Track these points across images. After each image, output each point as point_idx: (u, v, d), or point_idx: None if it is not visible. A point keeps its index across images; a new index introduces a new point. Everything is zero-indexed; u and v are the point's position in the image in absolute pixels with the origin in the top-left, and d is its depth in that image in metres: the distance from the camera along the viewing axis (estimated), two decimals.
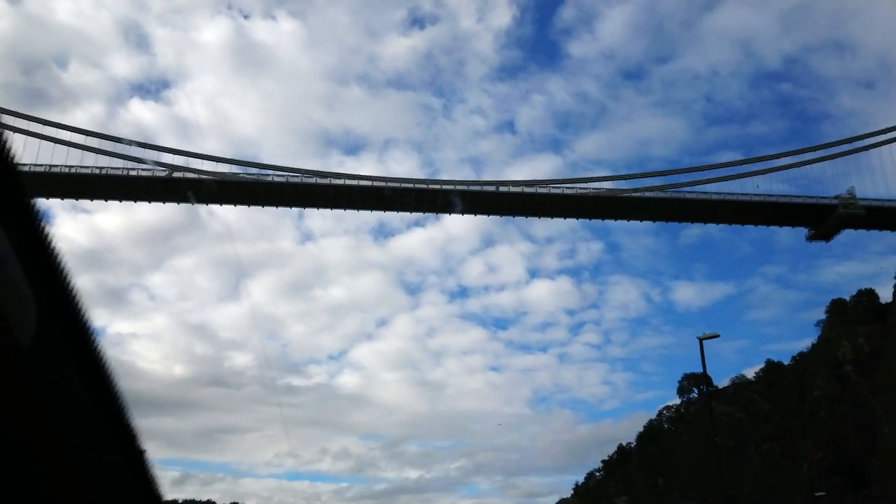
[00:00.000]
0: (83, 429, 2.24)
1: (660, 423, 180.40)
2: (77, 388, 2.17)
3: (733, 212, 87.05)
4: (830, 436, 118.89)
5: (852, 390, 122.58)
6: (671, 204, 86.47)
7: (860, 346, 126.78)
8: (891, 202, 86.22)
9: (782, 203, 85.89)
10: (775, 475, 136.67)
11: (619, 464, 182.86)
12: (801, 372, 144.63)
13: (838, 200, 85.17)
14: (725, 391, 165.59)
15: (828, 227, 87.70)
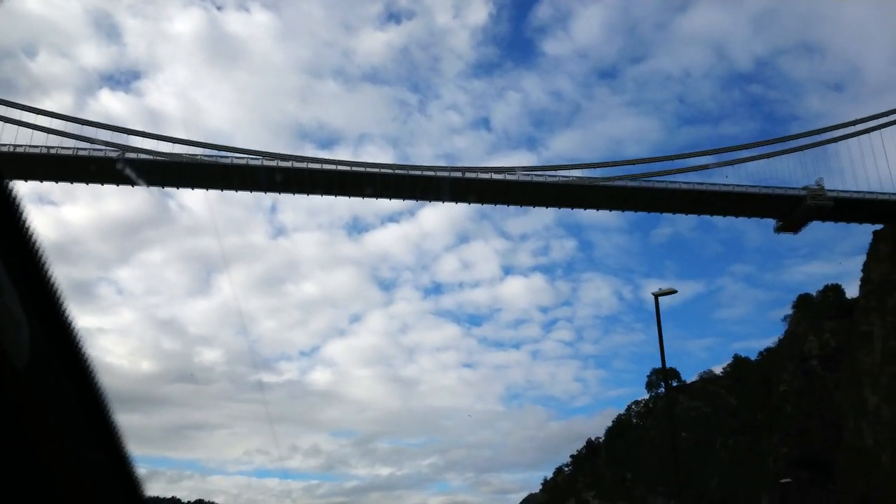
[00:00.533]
0: (72, 431, 2.26)
1: (628, 417, 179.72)
2: (68, 396, 2.22)
3: (703, 202, 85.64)
4: (796, 430, 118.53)
5: (818, 385, 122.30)
6: (642, 193, 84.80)
7: (826, 340, 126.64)
8: (858, 194, 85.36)
9: (751, 193, 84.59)
10: (742, 469, 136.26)
11: (587, 459, 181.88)
12: (768, 367, 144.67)
13: (806, 192, 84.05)
14: (693, 386, 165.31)
15: (796, 219, 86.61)
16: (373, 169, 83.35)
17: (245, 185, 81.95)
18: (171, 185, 79.47)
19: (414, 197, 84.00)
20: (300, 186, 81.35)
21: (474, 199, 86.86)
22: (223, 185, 79.74)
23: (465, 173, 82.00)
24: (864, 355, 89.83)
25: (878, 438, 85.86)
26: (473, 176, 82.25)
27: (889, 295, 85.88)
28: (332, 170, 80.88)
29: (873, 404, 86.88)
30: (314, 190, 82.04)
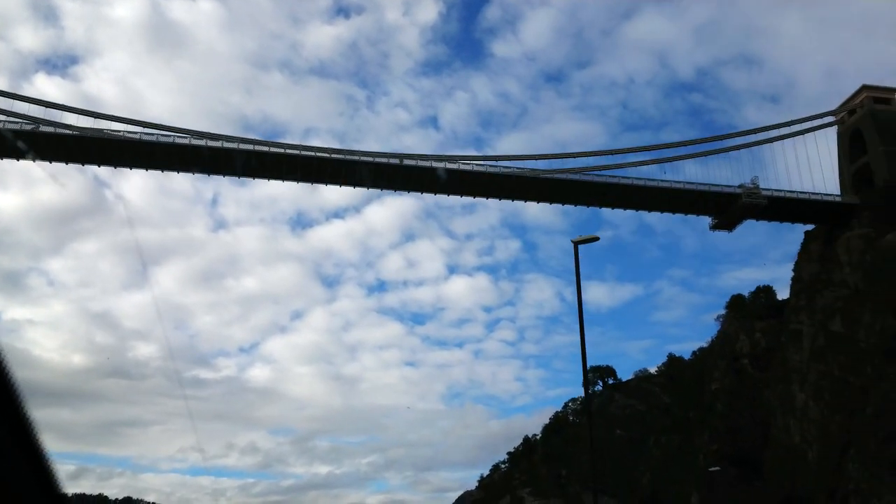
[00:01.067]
0: None
1: (565, 415, 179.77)
2: None
3: (642, 197, 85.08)
4: (726, 428, 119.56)
5: (748, 383, 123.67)
6: (584, 187, 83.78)
7: (757, 340, 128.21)
8: (791, 193, 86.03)
9: (688, 190, 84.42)
10: (673, 466, 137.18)
11: (524, 456, 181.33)
12: (701, 366, 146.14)
13: (742, 190, 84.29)
14: (628, 384, 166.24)
15: (731, 217, 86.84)
16: (304, 151, 79.74)
17: (165, 165, 77.37)
18: (74, 161, 74.18)
19: (345, 184, 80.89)
20: (215, 166, 77.19)
21: (413, 188, 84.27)
22: (132, 163, 74.86)
23: (403, 160, 79.39)
24: (794, 353, 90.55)
25: (804, 436, 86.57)
26: (412, 163, 79.71)
27: (819, 294, 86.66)
28: (253, 150, 76.92)
29: (801, 402, 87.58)
30: (231, 170, 77.98)
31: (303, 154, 77.06)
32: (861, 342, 78.83)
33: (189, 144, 73.75)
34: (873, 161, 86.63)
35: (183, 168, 76.34)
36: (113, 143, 71.39)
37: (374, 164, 78.72)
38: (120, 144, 71.57)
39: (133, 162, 74.35)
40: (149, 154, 72.98)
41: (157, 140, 72.94)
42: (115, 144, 71.43)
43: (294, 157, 76.88)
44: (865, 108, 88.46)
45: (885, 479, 62.23)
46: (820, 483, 78.66)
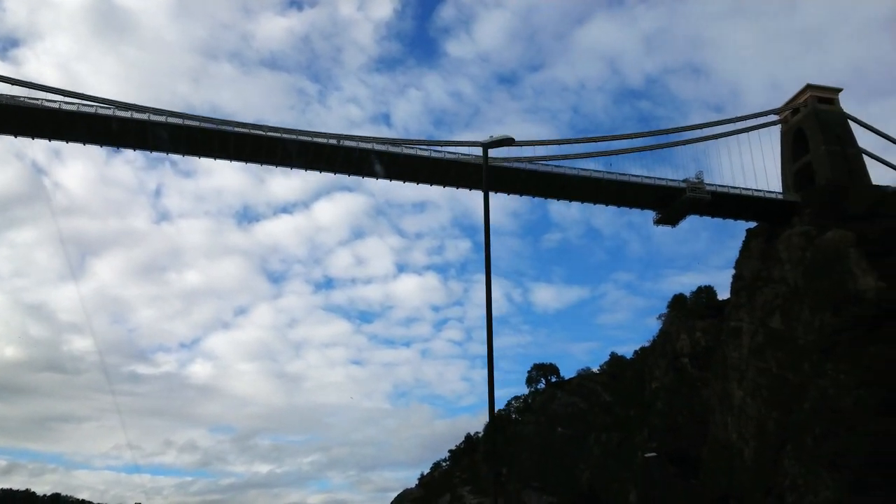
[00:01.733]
0: None
1: (508, 413, 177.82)
2: None
3: (589, 188, 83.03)
4: (665, 426, 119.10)
5: (688, 382, 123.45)
6: (532, 177, 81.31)
7: (697, 339, 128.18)
8: (734, 189, 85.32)
9: (635, 183, 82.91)
10: (613, 463, 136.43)
11: (465, 454, 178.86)
12: (642, 365, 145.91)
13: (686, 184, 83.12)
14: (571, 382, 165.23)
15: (675, 211, 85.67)
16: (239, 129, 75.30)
17: (137, 143, 72.13)
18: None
19: (280, 164, 76.75)
20: (142, 141, 72.16)
21: (354, 171, 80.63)
22: (52, 135, 69.48)
23: (341, 140, 75.70)
24: (733, 351, 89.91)
25: (742, 433, 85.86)
26: (353, 144, 76.10)
27: (759, 291, 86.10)
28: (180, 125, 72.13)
29: (739, 399, 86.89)
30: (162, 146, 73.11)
31: (236, 131, 72.75)
32: (799, 339, 78.32)
33: (99, 115, 68.37)
34: (815, 160, 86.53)
35: (100, 141, 71.24)
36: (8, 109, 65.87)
37: (311, 143, 74.87)
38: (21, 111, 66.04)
39: (38, 132, 68.82)
40: (56, 123, 67.59)
41: (60, 108, 67.52)
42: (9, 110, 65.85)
43: (226, 133, 72.52)
44: (809, 108, 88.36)
45: (821, 475, 61.31)
46: (756, 480, 77.87)
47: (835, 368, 65.25)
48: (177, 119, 70.86)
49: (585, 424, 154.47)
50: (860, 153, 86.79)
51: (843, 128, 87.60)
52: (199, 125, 72.10)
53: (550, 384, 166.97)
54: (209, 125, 72.70)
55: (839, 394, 63.24)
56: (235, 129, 72.71)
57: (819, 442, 62.92)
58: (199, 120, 73.15)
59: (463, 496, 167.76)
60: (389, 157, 77.23)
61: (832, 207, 79.20)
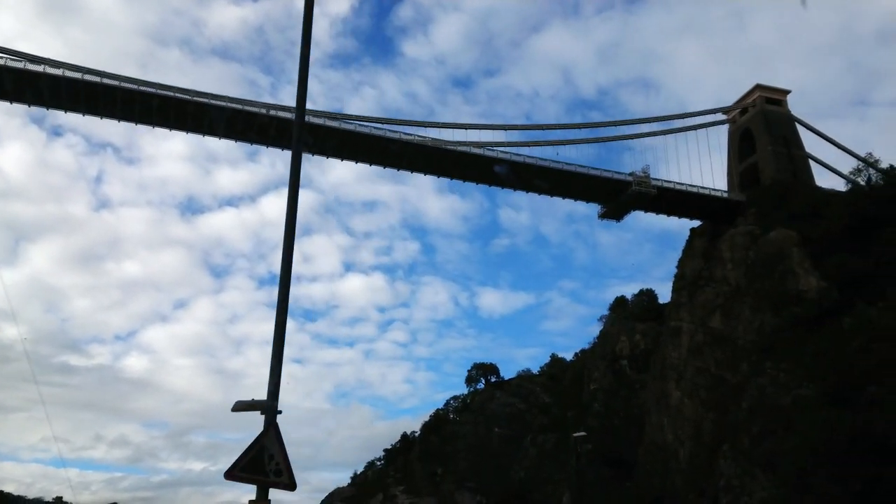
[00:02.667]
0: None
1: (446, 413, 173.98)
2: None
3: (533, 176, 79.57)
4: (602, 427, 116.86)
5: (626, 384, 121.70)
6: (467, 160, 77.50)
7: (637, 342, 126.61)
8: (680, 185, 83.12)
9: (579, 172, 79.90)
10: (548, 465, 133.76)
11: (400, 453, 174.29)
12: (582, 367, 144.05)
13: (632, 177, 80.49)
14: (510, 383, 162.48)
15: (620, 205, 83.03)
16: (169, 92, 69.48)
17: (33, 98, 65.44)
18: None
19: (217, 134, 71.13)
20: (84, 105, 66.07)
21: (286, 144, 75.43)
22: None
23: (271, 110, 70.58)
24: (672, 351, 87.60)
25: (678, 434, 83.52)
26: (279, 114, 70.90)
27: (700, 290, 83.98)
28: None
29: (676, 399, 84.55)
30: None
31: (141, 90, 66.86)
32: (739, 339, 76.31)
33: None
34: (761, 161, 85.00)
35: None
36: None
37: (229, 109, 69.55)
38: None
39: None
40: None
41: None
42: None
43: (130, 91, 66.63)
44: (758, 108, 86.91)
45: (756, 475, 58.79)
46: (691, 481, 75.42)
47: (774, 367, 63.02)
48: (75, 73, 64.60)
49: (523, 425, 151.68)
50: (806, 156, 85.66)
51: (790, 129, 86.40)
52: (100, 81, 65.97)
53: (490, 384, 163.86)
54: (113, 81, 66.75)
55: (778, 392, 60.94)
56: (141, 88, 66.84)
57: (756, 441, 60.46)
58: (103, 76, 66.87)
59: (396, 496, 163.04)
60: (323, 131, 72.39)
61: (776, 207, 77.52)
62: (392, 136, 74.99)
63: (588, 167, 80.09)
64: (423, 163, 78.18)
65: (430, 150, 76.56)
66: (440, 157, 76.33)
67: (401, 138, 75.62)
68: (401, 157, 77.11)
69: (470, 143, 78.16)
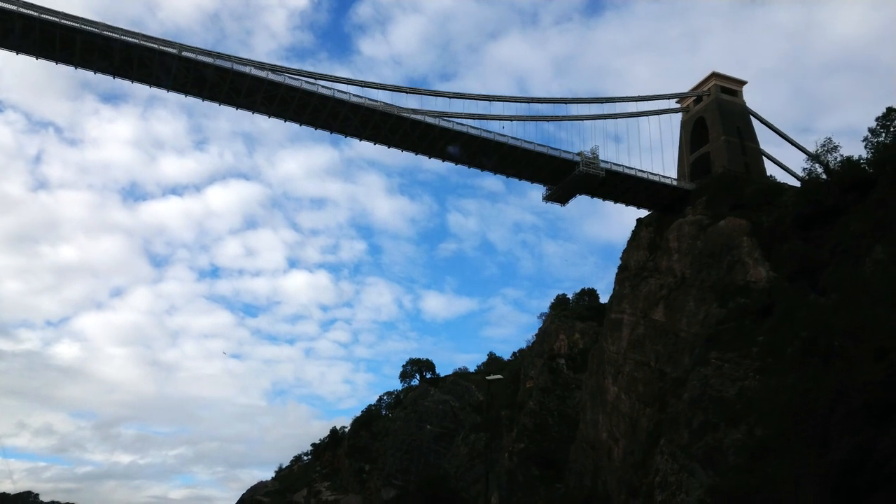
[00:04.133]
0: None
1: (378, 408, 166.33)
2: None
3: (477, 150, 73.50)
4: (535, 426, 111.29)
5: (562, 383, 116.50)
6: (421, 128, 70.94)
7: (575, 341, 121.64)
8: (630, 169, 77.84)
9: (525, 148, 73.98)
10: (478, 464, 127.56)
11: (328, 448, 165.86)
12: (519, 366, 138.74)
13: (580, 158, 74.87)
14: (446, 380, 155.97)
15: (565, 187, 77.31)
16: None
17: None
18: None
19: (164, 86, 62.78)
20: None
21: (242, 103, 67.74)
22: None
23: (232, 64, 62.87)
24: (611, 345, 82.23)
25: (612, 431, 78.01)
26: (243, 69, 63.30)
27: (644, 282, 78.87)
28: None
29: (613, 395, 79.07)
30: None
31: (89, 30, 58.58)
32: (682, 332, 71.25)
33: None
34: (713, 151, 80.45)
35: None
36: None
37: (194, 61, 62.04)
38: None
39: None
40: None
41: None
42: None
43: (73, 30, 58.33)
44: (712, 96, 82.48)
45: (696, 471, 53.29)
46: (624, 481, 69.80)
47: (719, 357, 57.80)
48: None
49: (456, 423, 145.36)
50: (759, 150, 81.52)
51: (744, 121, 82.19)
52: (38, 16, 57.51)
53: (425, 380, 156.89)
54: (53, 18, 58.32)
55: (722, 384, 55.65)
56: (91, 29, 58.69)
57: (696, 435, 55.00)
58: (40, 11, 58.35)
59: (321, 491, 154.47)
60: (267, 85, 64.99)
61: (727, 196, 72.87)
62: (341, 98, 67.82)
63: (534, 143, 74.15)
64: (370, 129, 71.22)
65: (378, 114, 69.62)
66: (389, 122, 69.43)
67: (345, 98, 68.56)
68: (344, 120, 69.98)
69: (423, 112, 71.65)
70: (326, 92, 67.34)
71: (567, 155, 74.71)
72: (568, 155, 74.76)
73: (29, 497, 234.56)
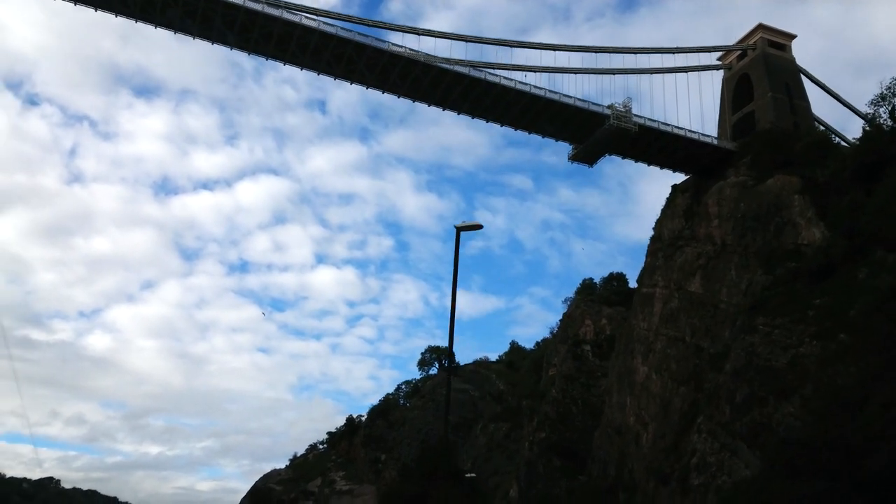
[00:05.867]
0: None
1: (395, 397, 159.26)
2: None
3: (503, 100, 65.94)
4: (557, 415, 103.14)
5: (587, 370, 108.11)
6: (447, 78, 64.06)
7: (602, 327, 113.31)
8: (665, 126, 69.55)
9: (550, 98, 66.19)
10: (497, 455, 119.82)
11: (344, 437, 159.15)
12: (542, 355, 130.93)
13: (611, 110, 66.87)
14: (465, 368, 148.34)
15: (593, 145, 69.26)
16: None
17: None
18: None
19: None
20: None
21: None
22: None
23: None
24: (641, 321, 74.10)
25: (640, 415, 69.86)
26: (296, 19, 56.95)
27: (679, 251, 70.64)
28: None
29: (642, 375, 70.92)
30: None
31: None
32: (721, 303, 62.94)
33: None
34: (759, 109, 71.83)
35: None
36: None
37: None
38: None
39: None
40: None
41: None
42: None
43: None
44: (759, 51, 73.86)
45: (740, 450, 45.15)
46: (653, 468, 61.68)
47: (768, 323, 49.51)
48: None
49: (474, 412, 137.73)
50: (810, 109, 72.74)
51: (793, 78, 73.49)
52: None
53: (444, 368, 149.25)
54: None
55: (771, 352, 47.37)
56: None
57: (740, 411, 46.85)
58: None
59: (335, 481, 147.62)
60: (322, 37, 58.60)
61: (775, 155, 64.36)
62: (364, 42, 61.01)
63: (560, 93, 66.43)
64: (392, 81, 64.26)
65: (396, 57, 62.78)
66: (413, 73, 62.46)
67: (367, 42, 61.76)
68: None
69: (453, 61, 64.53)
70: (364, 40, 60.44)
71: (596, 107, 66.77)
72: (597, 107, 66.84)
73: (50, 483, 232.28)
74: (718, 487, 44.71)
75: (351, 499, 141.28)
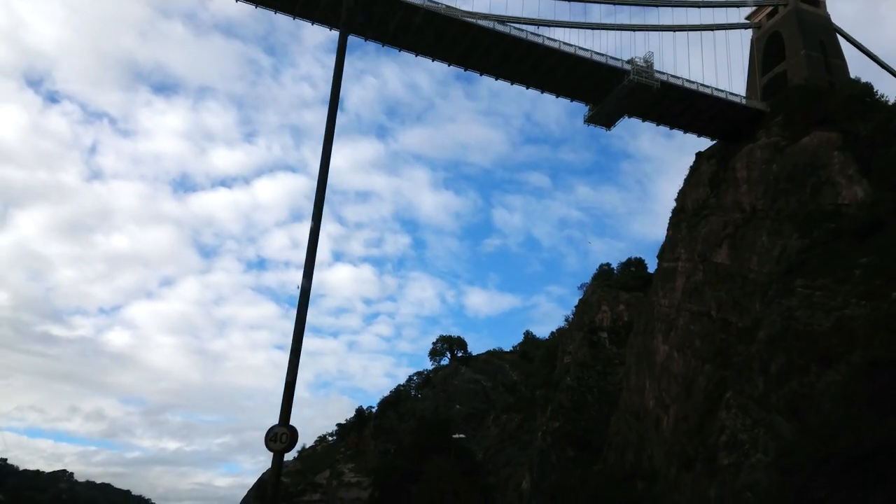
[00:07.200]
0: None
1: (406, 388, 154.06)
2: None
3: (516, 51, 60.34)
4: (572, 403, 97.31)
5: (603, 358, 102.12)
6: (463, 29, 58.47)
7: (619, 313, 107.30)
8: (690, 83, 63.63)
9: (565, 52, 60.45)
10: (509, 446, 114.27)
11: (354, 429, 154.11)
12: (556, 345, 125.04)
13: (631, 66, 61.11)
14: (478, 358, 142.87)
15: (612, 104, 63.43)
16: None
17: None
18: None
19: None
20: None
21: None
22: None
23: None
24: (662, 297, 68.19)
25: (661, 397, 63.94)
26: None
27: (703, 221, 64.72)
28: None
29: (663, 355, 65.01)
30: None
31: None
32: (751, 273, 56.96)
33: None
34: (791, 68, 65.71)
35: None
36: None
37: None
38: None
39: None
40: None
41: None
42: None
43: None
44: (791, 6, 67.76)
45: (775, 424, 39.29)
46: (675, 452, 55.82)
47: (808, 285, 43.61)
48: None
49: (486, 403, 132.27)
50: (846, 68, 66.57)
51: (828, 36, 67.41)
52: None
53: (456, 358, 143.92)
54: None
55: (812, 315, 41.49)
56: None
57: (776, 382, 40.99)
58: None
59: (343, 473, 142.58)
60: None
61: (811, 111, 58.28)
62: None
63: (575, 46, 60.80)
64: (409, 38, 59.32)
65: (407, 6, 57.72)
66: (435, 25, 57.23)
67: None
68: None
69: (477, 15, 59.19)
70: None
71: (614, 62, 61.03)
72: (616, 62, 61.10)
73: (63, 476, 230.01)
74: (752, 466, 38.86)
75: (359, 491, 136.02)
